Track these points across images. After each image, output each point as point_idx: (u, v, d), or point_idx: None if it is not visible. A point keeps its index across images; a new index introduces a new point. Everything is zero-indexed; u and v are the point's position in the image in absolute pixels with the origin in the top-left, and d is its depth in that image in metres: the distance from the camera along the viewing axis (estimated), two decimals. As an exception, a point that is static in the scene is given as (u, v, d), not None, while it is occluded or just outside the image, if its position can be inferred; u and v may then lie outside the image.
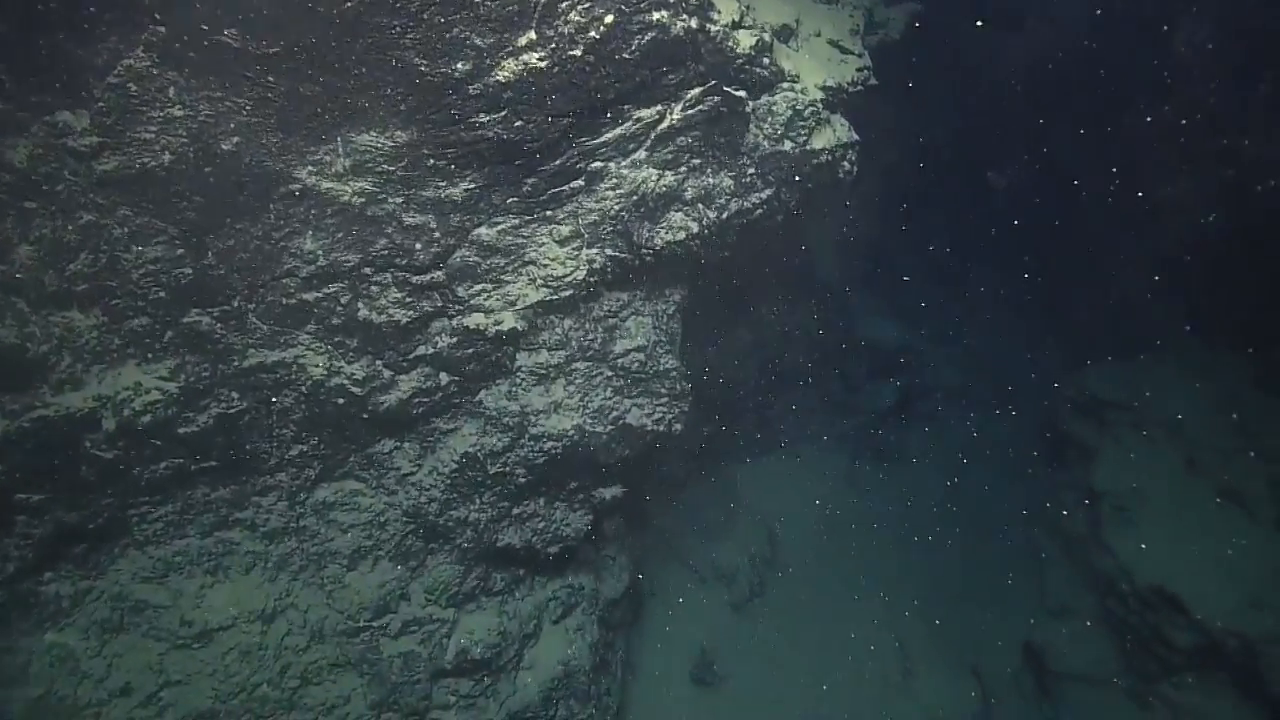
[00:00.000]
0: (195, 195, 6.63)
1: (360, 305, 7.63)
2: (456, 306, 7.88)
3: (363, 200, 7.15)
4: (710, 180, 7.74)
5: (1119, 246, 12.71)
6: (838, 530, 14.08)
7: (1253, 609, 10.44)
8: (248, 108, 6.41)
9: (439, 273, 7.65)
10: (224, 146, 6.45)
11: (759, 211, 8.01)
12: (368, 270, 7.51)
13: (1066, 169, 12.61)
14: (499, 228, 7.62)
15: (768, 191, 7.94)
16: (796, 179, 8.08)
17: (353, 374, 7.96)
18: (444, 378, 8.24)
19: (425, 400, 8.31)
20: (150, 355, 7.25)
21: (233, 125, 6.42)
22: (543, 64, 6.68)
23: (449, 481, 8.72)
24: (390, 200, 7.22)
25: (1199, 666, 10.78)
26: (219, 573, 8.44)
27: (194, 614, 8.27)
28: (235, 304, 7.34)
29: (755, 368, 13.89)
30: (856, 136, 8.24)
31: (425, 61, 6.55)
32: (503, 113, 6.88)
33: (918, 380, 15.78)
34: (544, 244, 7.75)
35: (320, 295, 7.52)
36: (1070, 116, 12.62)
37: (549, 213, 7.67)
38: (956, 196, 14.88)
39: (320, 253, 7.25)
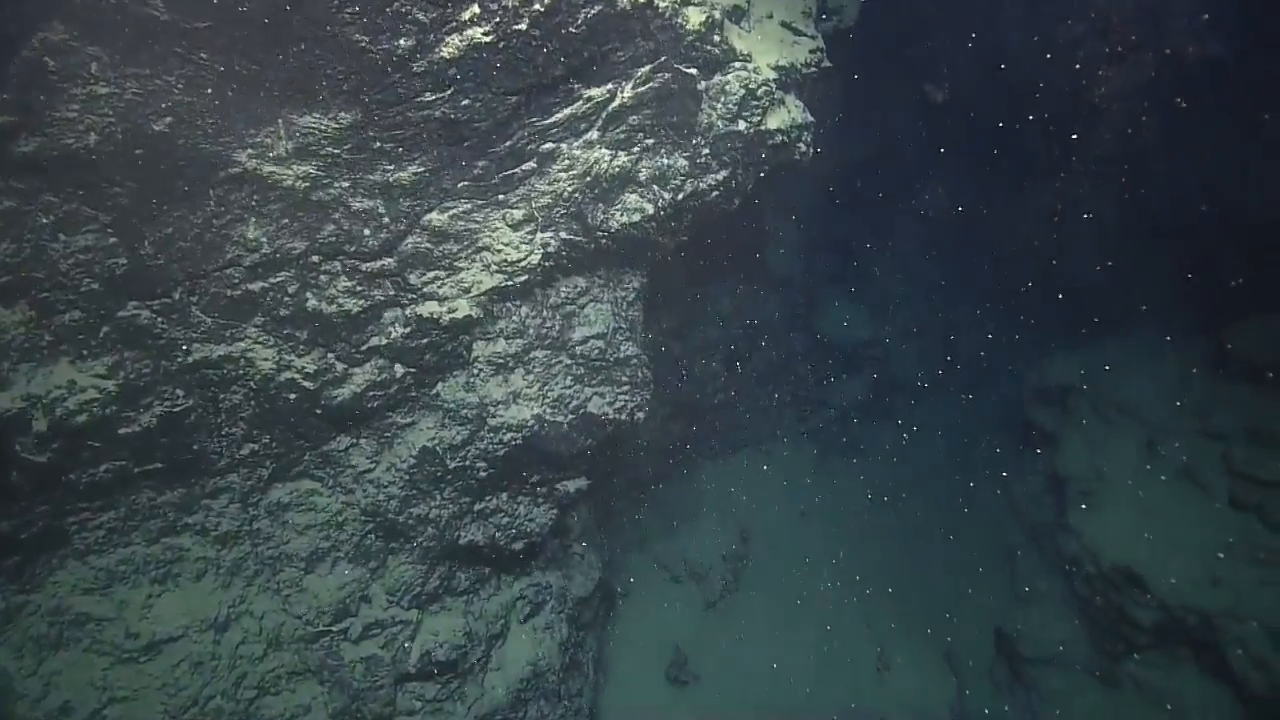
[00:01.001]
0: (126, 180, 6.15)
1: (309, 295, 7.19)
2: (409, 295, 7.47)
3: (307, 185, 6.73)
4: (664, 161, 7.45)
5: (1061, 152, 12.57)
6: (810, 525, 13.86)
7: (1210, 584, 10.43)
8: (179, 86, 5.98)
9: (390, 260, 7.25)
10: (155, 128, 6.01)
11: (715, 193, 7.73)
12: (315, 258, 7.08)
13: (1006, 75, 12.45)
14: (450, 212, 7.25)
15: (723, 173, 7.68)
16: (752, 160, 7.83)
17: (303, 368, 7.51)
18: (399, 370, 7.81)
19: (380, 394, 7.87)
20: (85, 352, 6.73)
21: (164, 105, 5.98)
22: (488, 39, 6.35)
23: (408, 478, 8.27)
24: (336, 184, 6.82)
25: (1162, 644, 10.74)
26: (167, 581, 7.87)
27: (140, 625, 7.68)
28: (176, 296, 6.86)
29: (721, 364, 13.63)
30: (811, 118, 8.03)
31: (366, 37, 6.19)
32: (449, 91, 6.54)
33: (885, 373, 15.65)
34: (497, 228, 7.39)
35: (266, 285, 7.06)
36: (1006, 20, 12.53)
37: (501, 196, 7.32)
38: (911, 179, 14.79)
39: (264, 240, 6.82)
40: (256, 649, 8.18)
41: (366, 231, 7.04)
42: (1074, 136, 11.95)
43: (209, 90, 6.12)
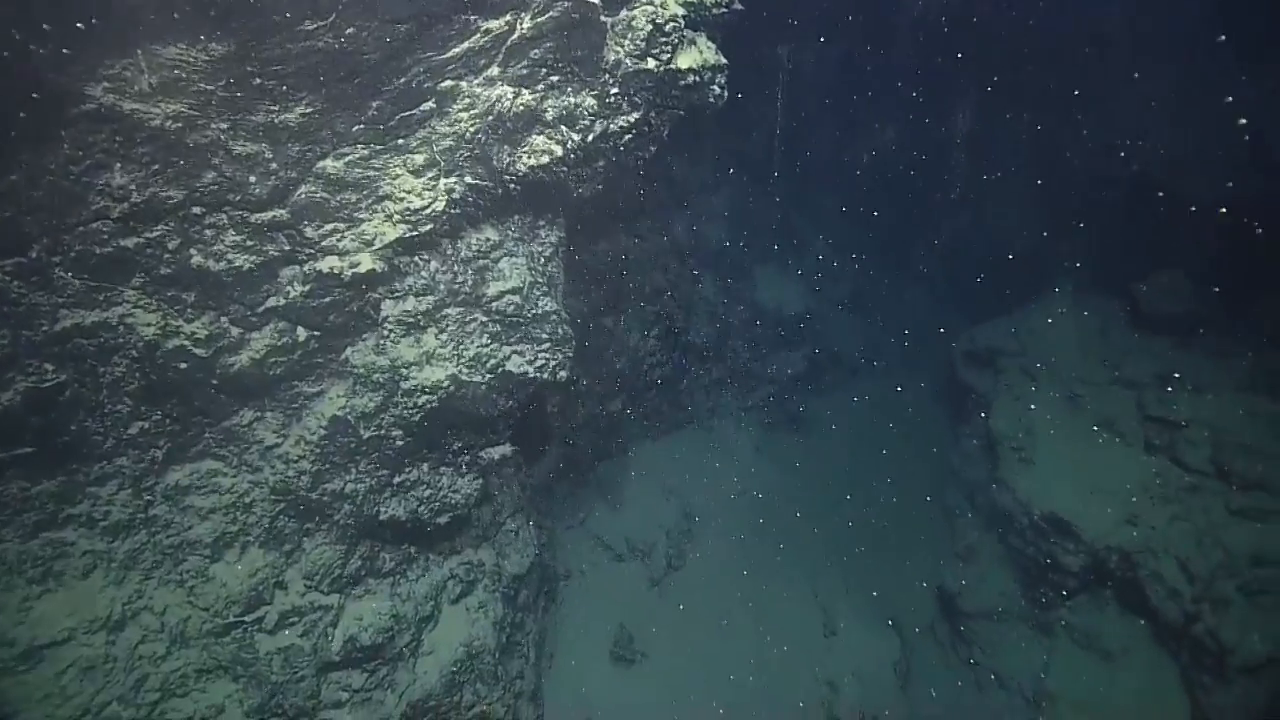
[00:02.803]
0: (-47, 114, 5.20)
1: (193, 251, 6.24)
2: (307, 250, 6.58)
3: (179, 125, 5.80)
4: (571, 99, 6.76)
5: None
6: (753, 500, 13.30)
7: (1127, 524, 10.41)
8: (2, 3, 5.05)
9: (282, 211, 6.35)
10: (-20, 52, 5.07)
11: (628, 137, 7.07)
12: (197, 209, 6.13)
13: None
14: (346, 159, 6.40)
15: (635, 115, 7.02)
16: (665, 102, 7.20)
17: (193, 333, 6.53)
18: (301, 333, 6.89)
19: (283, 360, 6.93)
20: (-75, 321, 5.68)
21: (-13, 26, 5.04)
22: (368, -44, 5.63)
23: (319, 451, 7.33)
24: (213, 126, 5.90)
25: (1088, 587, 10.64)
26: (49, 580, 6.75)
27: (17, 631, 6.52)
28: (34, 255, 5.82)
29: (658, 340, 12.97)
30: (724, 59, 7.46)
31: (231, -45, 5.39)
32: (330, 18, 5.72)
33: (823, 347, 15.26)
34: (398, 175, 6.57)
35: (142, 240, 6.08)
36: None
37: (400, 140, 6.51)
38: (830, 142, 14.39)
39: (134, 188, 5.85)
40: (158, 647, 7.12)
41: (252, 179, 6.14)
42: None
43: (40, 12, 5.15)
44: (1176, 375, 11.31)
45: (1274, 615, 9.07)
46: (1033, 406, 12.17)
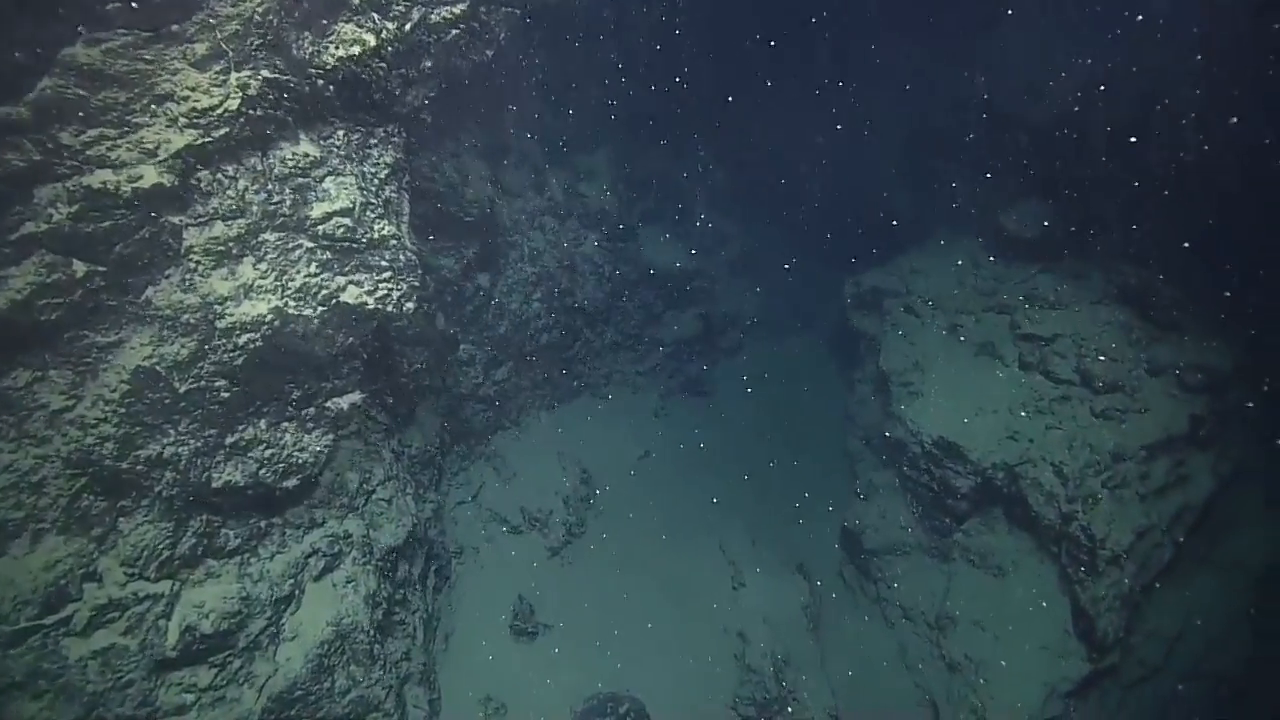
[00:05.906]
0: None
1: (-99, 162, 4.81)
2: (68, 161, 5.14)
3: None
4: (379, -20, 5.73)
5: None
6: (654, 464, 12.40)
7: (1009, 439, 10.16)
8: None
9: (20, 109, 4.88)
10: None
11: (455, 31, 6.03)
12: (-106, 106, 4.70)
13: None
14: (104, 46, 5.05)
15: (461, 5, 5.96)
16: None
17: (-81, 271, 5.06)
18: (79, 267, 5.45)
19: (59, 302, 5.44)
20: None
21: None
22: None
23: (125, 411, 5.83)
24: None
25: (979, 509, 10.35)
26: None
27: None
28: None
29: (543, 303, 11.97)
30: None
31: None
32: None
33: (714, 308, 14.64)
34: (178, 69, 5.28)
35: None
36: None
37: (175, 27, 5.19)
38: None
39: None
40: (-78, 670, 5.51)
41: (-32, 65, 4.76)
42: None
43: None
44: (1043, 294, 11.37)
45: (1133, 505, 8.97)
46: (917, 341, 12.02)
